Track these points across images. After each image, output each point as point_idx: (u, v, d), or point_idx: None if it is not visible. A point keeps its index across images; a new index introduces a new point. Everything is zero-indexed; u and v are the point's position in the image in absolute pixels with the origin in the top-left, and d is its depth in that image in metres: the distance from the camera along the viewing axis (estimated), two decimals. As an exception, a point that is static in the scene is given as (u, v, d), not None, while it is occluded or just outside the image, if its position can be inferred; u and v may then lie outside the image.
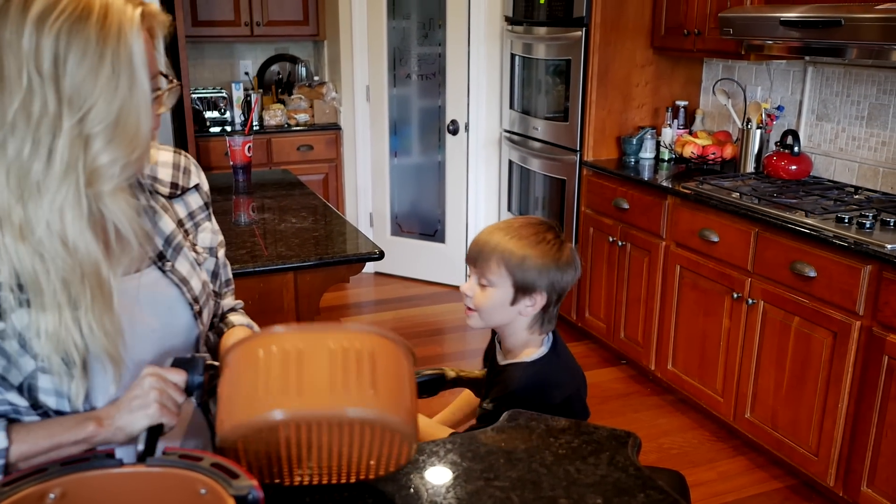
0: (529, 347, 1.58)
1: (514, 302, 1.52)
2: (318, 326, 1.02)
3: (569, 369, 1.62)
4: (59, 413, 1.05)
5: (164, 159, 1.24)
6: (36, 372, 1.01)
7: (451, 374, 1.79)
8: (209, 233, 1.30)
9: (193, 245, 1.25)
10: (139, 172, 1.04)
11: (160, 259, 1.17)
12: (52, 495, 0.83)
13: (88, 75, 0.93)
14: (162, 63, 1.04)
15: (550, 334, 1.61)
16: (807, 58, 3.21)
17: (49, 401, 1.03)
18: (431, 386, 1.79)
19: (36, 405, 1.04)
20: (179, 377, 1.05)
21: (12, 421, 1.03)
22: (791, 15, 2.70)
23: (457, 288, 4.70)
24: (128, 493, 0.87)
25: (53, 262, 0.96)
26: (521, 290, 1.50)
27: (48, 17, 0.91)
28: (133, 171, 1.02)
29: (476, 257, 1.53)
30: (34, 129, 0.92)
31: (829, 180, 3.19)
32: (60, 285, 0.97)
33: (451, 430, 1.60)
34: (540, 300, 1.52)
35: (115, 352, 1.04)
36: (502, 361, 1.61)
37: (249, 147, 3.19)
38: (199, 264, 1.24)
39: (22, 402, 1.03)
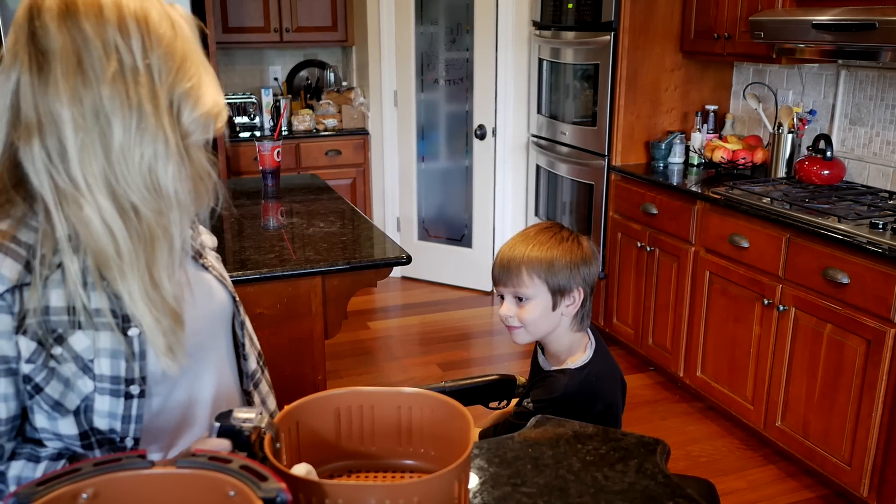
0: (574, 353, 1.59)
1: (555, 307, 1.53)
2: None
3: (611, 378, 1.63)
4: (109, 438, 1.07)
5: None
6: (94, 394, 1.04)
7: (521, 379, 1.80)
8: None
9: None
10: (219, 132, 1.11)
11: (199, 256, 1.23)
12: (84, 495, 0.84)
13: (167, 49, 1.02)
14: None
15: (593, 339, 1.62)
16: (840, 61, 3.17)
17: (101, 423, 1.06)
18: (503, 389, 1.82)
19: (86, 434, 1.06)
20: (225, 445, 1.06)
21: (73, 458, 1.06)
22: (824, 18, 2.67)
23: (483, 292, 4.70)
24: (158, 493, 0.88)
25: (143, 216, 1.01)
26: (558, 293, 1.53)
27: (123, 7, 0.99)
28: (216, 129, 1.09)
29: (506, 276, 1.55)
30: (132, 99, 0.99)
31: (862, 185, 3.14)
32: (141, 245, 1.01)
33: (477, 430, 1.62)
34: (578, 297, 1.55)
35: (181, 309, 1.07)
36: (547, 367, 1.62)
37: (278, 152, 3.21)
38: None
39: (72, 431, 1.05)
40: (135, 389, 1.06)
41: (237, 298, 1.29)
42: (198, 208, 1.10)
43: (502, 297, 1.58)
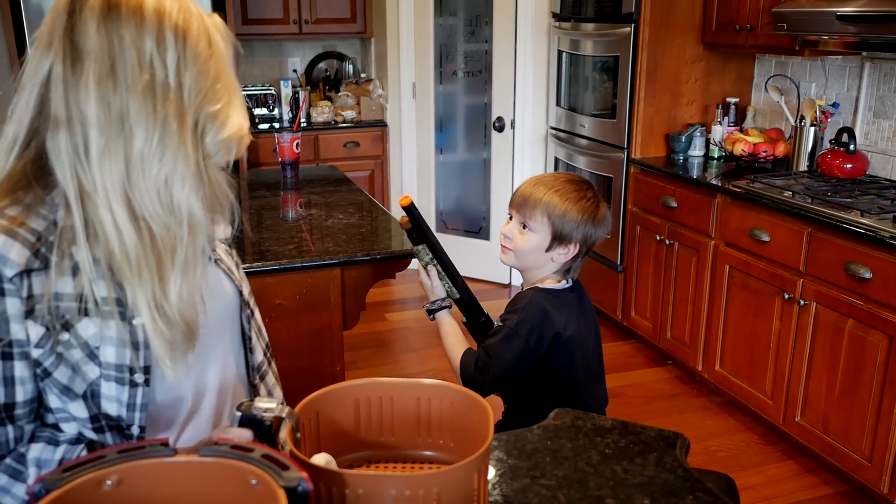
0: (549, 280, 1.74)
1: (549, 248, 1.69)
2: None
3: (581, 311, 1.76)
4: (118, 424, 1.08)
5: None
6: (100, 379, 1.05)
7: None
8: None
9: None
10: (240, 154, 1.12)
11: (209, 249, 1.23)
12: (108, 482, 0.85)
13: (201, 68, 1.02)
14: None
15: (570, 285, 1.77)
16: (864, 53, 3.13)
17: (110, 407, 1.07)
18: None
19: (96, 417, 1.07)
20: (246, 435, 1.07)
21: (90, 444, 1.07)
22: (848, 9, 2.63)
23: (501, 284, 4.70)
24: (181, 481, 0.88)
25: (154, 229, 1.02)
26: (558, 239, 1.68)
27: (164, 18, 0.99)
28: (237, 153, 1.10)
29: (521, 204, 1.70)
30: (158, 114, 0.99)
31: (886, 179, 3.10)
32: (153, 256, 1.02)
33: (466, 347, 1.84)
34: (573, 250, 1.70)
35: (195, 318, 1.08)
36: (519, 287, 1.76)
37: (297, 144, 3.22)
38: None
39: (83, 414, 1.07)
40: (139, 378, 1.07)
41: (244, 292, 1.29)
42: (213, 228, 1.11)
43: (511, 217, 1.75)
